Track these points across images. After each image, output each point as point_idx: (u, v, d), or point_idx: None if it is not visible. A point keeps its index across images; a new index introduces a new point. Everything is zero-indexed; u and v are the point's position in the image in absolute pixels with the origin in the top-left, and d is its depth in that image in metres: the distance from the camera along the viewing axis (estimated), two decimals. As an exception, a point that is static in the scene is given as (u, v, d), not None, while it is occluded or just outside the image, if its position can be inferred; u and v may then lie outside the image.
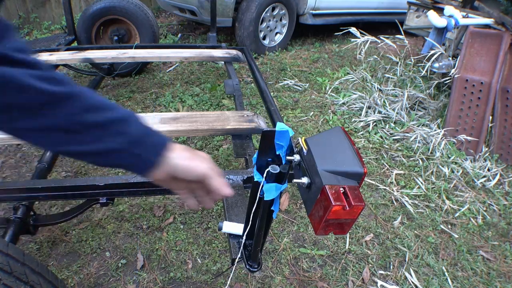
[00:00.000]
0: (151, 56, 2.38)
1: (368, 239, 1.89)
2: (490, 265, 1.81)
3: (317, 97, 3.28)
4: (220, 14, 3.62)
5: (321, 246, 1.83)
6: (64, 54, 2.35)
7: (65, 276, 1.58)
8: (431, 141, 2.57)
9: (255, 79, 2.12)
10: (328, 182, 0.56)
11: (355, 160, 0.60)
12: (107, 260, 1.67)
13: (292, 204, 2.07)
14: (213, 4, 2.82)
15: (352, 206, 0.54)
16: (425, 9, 3.06)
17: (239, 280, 1.62)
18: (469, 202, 2.18)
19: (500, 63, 2.48)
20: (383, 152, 2.57)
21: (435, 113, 2.91)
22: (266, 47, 4.10)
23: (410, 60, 3.20)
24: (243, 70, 3.71)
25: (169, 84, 3.35)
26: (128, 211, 1.92)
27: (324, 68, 3.87)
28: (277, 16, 4.06)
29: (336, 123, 2.88)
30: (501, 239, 1.98)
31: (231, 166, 2.34)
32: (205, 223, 1.89)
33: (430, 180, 2.33)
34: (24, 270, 0.82)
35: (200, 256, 1.72)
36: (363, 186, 2.23)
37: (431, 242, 1.90)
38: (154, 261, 1.68)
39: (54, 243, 1.73)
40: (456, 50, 2.81)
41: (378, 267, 1.75)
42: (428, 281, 1.69)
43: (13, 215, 1.26)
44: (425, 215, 2.07)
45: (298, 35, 4.66)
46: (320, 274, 1.68)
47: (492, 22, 2.70)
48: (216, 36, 2.99)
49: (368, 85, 3.25)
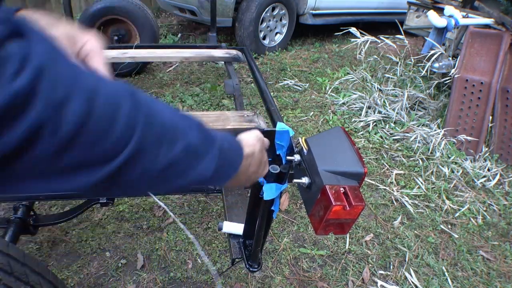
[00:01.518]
0: (151, 56, 2.37)
1: (368, 239, 1.89)
2: (490, 265, 1.81)
3: (317, 97, 3.28)
4: (220, 14, 3.62)
5: (321, 246, 1.83)
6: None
7: (65, 276, 1.58)
8: (431, 141, 2.57)
9: (255, 79, 2.12)
10: (328, 182, 0.56)
11: (355, 160, 0.60)
12: (107, 260, 1.67)
13: (292, 204, 2.07)
14: (213, 4, 2.82)
15: (352, 206, 0.54)
16: (425, 9, 3.06)
17: (239, 280, 1.62)
18: (469, 202, 2.18)
19: (500, 63, 2.48)
20: (383, 152, 2.56)
21: (435, 113, 2.91)
22: (266, 47, 4.09)
23: (410, 60, 3.20)
24: (243, 70, 3.71)
25: (169, 84, 3.35)
26: (128, 211, 1.92)
27: (324, 68, 3.87)
28: (277, 16, 4.06)
29: (336, 123, 2.88)
30: (501, 239, 1.98)
31: (231, 166, 2.34)
32: (205, 223, 1.89)
33: (430, 180, 2.33)
34: (24, 270, 0.82)
35: (200, 256, 1.72)
36: (363, 186, 2.23)
37: (431, 242, 1.90)
38: (154, 261, 1.68)
39: (54, 243, 1.73)
40: (456, 50, 2.81)
41: (378, 267, 1.75)
42: (428, 281, 1.69)
43: (13, 215, 1.26)
44: (425, 215, 2.07)
45: (298, 35, 4.66)
46: (320, 274, 1.68)
47: (492, 22, 2.70)
48: (216, 36, 2.98)
49: (368, 85, 3.25)
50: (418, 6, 3.16)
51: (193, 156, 0.46)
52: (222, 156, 0.51)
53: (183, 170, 0.45)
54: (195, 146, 0.46)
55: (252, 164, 0.61)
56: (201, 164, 0.47)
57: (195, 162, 0.46)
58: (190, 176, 0.46)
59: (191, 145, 0.45)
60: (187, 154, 0.44)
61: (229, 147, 0.55)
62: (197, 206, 1.99)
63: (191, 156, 0.45)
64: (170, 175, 0.44)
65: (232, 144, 0.58)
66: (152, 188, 0.46)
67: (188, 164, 0.45)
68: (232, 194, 1.17)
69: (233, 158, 0.56)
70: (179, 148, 0.43)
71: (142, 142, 0.38)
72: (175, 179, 0.46)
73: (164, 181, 0.45)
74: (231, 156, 0.55)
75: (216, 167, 0.49)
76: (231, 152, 0.56)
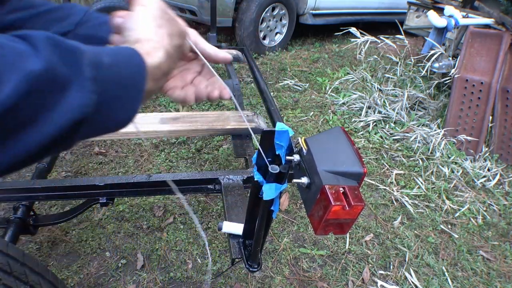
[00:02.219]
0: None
1: (368, 239, 1.89)
2: (490, 265, 1.81)
3: (317, 97, 3.28)
4: (220, 14, 3.62)
5: (321, 246, 1.83)
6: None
7: (65, 276, 1.58)
8: (431, 141, 2.57)
9: (255, 79, 2.12)
10: (328, 182, 0.56)
11: (355, 160, 0.60)
12: (107, 260, 1.67)
13: (292, 204, 2.07)
14: (213, 4, 2.82)
15: (352, 206, 0.54)
16: (425, 9, 3.06)
17: (239, 280, 1.62)
18: (469, 202, 2.18)
19: (500, 63, 2.48)
20: (383, 152, 2.56)
21: (435, 113, 2.91)
22: (266, 47, 4.10)
23: (410, 60, 3.20)
24: (243, 70, 3.71)
25: (169, 84, 3.35)
26: (128, 211, 1.92)
27: (324, 68, 3.87)
28: (277, 16, 4.06)
29: (336, 123, 2.88)
30: (501, 239, 1.98)
31: (231, 166, 2.34)
32: (205, 223, 1.89)
33: (430, 180, 2.33)
34: (24, 270, 0.82)
35: (200, 256, 1.72)
36: (363, 186, 2.23)
37: (431, 242, 1.90)
38: (154, 261, 1.68)
39: (54, 243, 1.73)
40: (456, 50, 2.80)
41: (378, 267, 1.75)
42: (428, 281, 1.69)
43: (13, 215, 1.26)
44: (425, 215, 2.07)
45: (298, 35, 4.66)
46: (320, 274, 1.68)
47: (492, 22, 2.70)
48: (216, 36, 2.98)
49: (368, 85, 3.25)
50: (418, 6, 3.16)
51: (43, 91, 0.30)
52: (104, 78, 0.35)
53: (31, 117, 0.30)
54: (44, 74, 0.30)
55: (170, 65, 0.46)
56: (62, 100, 0.31)
57: (49, 99, 0.31)
58: (48, 124, 0.31)
59: (34, 75, 0.29)
60: (27, 92, 0.29)
61: (115, 61, 0.37)
62: (197, 206, 1.99)
63: (39, 92, 0.30)
64: (9, 128, 0.29)
65: (121, 54, 0.39)
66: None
67: (37, 105, 0.30)
68: (232, 194, 1.17)
69: (128, 77, 0.38)
70: (9, 88, 0.28)
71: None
72: (19, 135, 0.30)
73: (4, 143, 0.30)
74: (122, 74, 0.37)
75: (96, 97, 0.34)
76: (121, 69, 0.37)
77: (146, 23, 0.45)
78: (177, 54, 0.48)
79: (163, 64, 0.44)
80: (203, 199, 2.04)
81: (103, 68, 0.35)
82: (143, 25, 0.45)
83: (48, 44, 0.32)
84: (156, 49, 0.43)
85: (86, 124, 0.35)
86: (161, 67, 0.44)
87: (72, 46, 0.33)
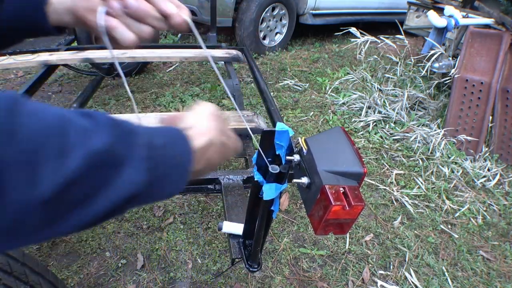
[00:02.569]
0: (151, 56, 2.37)
1: (368, 239, 1.89)
2: (490, 265, 1.81)
3: (317, 97, 3.28)
4: (220, 14, 3.62)
5: (321, 246, 1.83)
6: (64, 54, 2.35)
7: (65, 276, 1.58)
8: (431, 141, 2.57)
9: (255, 79, 2.12)
10: (328, 182, 0.56)
11: (355, 160, 0.60)
12: (107, 260, 1.67)
13: (292, 204, 2.07)
14: (213, 4, 2.82)
15: (352, 206, 0.54)
16: (425, 9, 3.06)
17: (239, 280, 1.62)
18: (469, 202, 2.18)
19: (500, 63, 2.48)
20: (383, 152, 2.56)
21: (435, 113, 2.91)
22: (266, 47, 4.10)
23: (410, 60, 3.20)
24: (243, 70, 3.71)
25: (169, 84, 3.35)
26: (128, 211, 1.92)
27: (324, 68, 3.87)
28: (277, 16, 4.06)
29: (336, 123, 2.88)
30: (501, 239, 1.98)
31: (231, 166, 2.34)
32: (205, 223, 1.89)
33: (430, 180, 2.33)
34: (24, 270, 0.82)
35: (200, 256, 1.72)
36: (363, 186, 2.23)
37: (431, 242, 1.90)
38: (154, 261, 1.68)
39: (54, 243, 1.73)
40: (456, 50, 2.80)
41: (378, 267, 1.75)
42: (428, 281, 1.69)
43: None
44: (425, 215, 2.07)
45: (298, 35, 4.66)
46: (320, 274, 1.68)
47: (492, 22, 2.70)
48: (216, 36, 2.98)
49: (368, 85, 3.25)
50: (418, 6, 3.16)
51: (102, 168, 0.32)
52: (155, 158, 0.37)
53: (90, 191, 0.31)
54: (104, 152, 0.32)
55: (213, 155, 0.48)
56: (117, 177, 0.33)
57: (106, 176, 0.32)
58: (103, 199, 0.33)
59: (96, 151, 0.31)
60: (89, 167, 0.31)
61: (165, 142, 0.40)
62: (197, 206, 1.99)
63: (98, 168, 0.32)
64: (64, 204, 0.30)
65: (170, 136, 0.42)
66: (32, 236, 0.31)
67: (95, 180, 0.32)
68: (232, 194, 1.17)
69: (176, 157, 0.41)
70: (75, 161, 0.29)
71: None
72: (75, 210, 0.31)
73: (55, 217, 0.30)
74: (171, 154, 0.40)
75: (148, 176, 0.36)
76: (170, 150, 0.40)
77: (200, 115, 0.50)
78: (221, 149, 0.50)
79: (206, 150, 0.47)
80: (203, 199, 2.04)
81: (155, 149, 0.38)
82: (196, 116, 0.50)
83: (109, 124, 0.34)
84: (201, 134, 0.47)
85: (138, 198, 0.37)
86: (204, 152, 0.46)
87: (129, 128, 0.36)
